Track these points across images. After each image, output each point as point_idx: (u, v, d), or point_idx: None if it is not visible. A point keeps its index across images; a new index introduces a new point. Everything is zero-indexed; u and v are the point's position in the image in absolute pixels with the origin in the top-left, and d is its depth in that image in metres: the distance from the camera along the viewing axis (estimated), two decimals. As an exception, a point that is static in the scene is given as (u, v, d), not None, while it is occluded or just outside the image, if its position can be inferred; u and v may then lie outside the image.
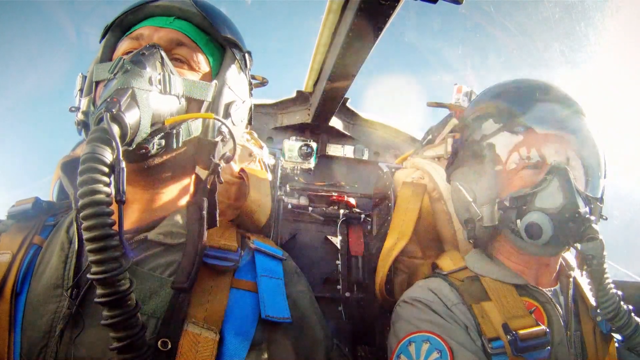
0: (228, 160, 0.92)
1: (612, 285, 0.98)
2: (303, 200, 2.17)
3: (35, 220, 0.85)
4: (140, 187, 0.81)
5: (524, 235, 0.97)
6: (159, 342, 0.65)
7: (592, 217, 0.95)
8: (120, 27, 0.87)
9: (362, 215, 2.09)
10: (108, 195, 0.55)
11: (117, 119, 0.61)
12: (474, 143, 1.11)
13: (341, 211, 2.10)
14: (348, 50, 1.45)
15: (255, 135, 1.49)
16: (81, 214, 0.54)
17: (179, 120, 0.76)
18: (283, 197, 2.07)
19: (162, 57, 0.76)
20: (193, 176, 0.94)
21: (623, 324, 0.98)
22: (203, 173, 1.01)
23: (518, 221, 1.00)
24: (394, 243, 1.38)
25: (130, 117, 0.63)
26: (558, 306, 1.05)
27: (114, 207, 0.57)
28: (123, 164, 0.58)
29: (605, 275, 0.97)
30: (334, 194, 2.19)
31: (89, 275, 0.54)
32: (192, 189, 0.93)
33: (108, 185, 0.56)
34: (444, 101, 1.71)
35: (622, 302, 0.99)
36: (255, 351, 0.74)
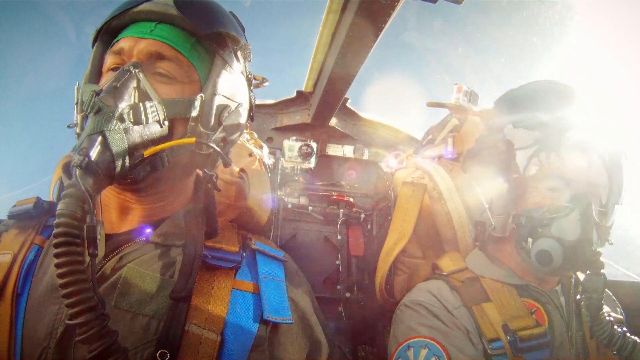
0: (226, 164, 0.90)
1: (605, 315, 1.00)
2: (303, 200, 2.17)
3: (37, 221, 0.85)
4: (137, 200, 0.81)
5: (533, 259, 0.97)
6: (158, 354, 0.65)
7: (600, 251, 0.96)
8: (108, 33, 0.84)
9: (362, 215, 2.09)
10: (80, 246, 0.58)
11: (89, 170, 0.61)
12: (496, 146, 1.09)
13: (341, 211, 2.10)
14: (348, 50, 1.44)
15: (255, 135, 1.49)
16: (56, 273, 0.55)
17: (158, 150, 0.73)
18: (283, 196, 2.07)
19: (138, 81, 0.73)
20: (194, 175, 0.94)
21: (619, 347, 0.99)
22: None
23: (530, 240, 0.99)
24: (394, 243, 1.38)
25: (103, 163, 0.63)
26: (559, 307, 1.05)
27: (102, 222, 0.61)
28: (95, 220, 0.60)
29: (602, 311, 0.99)
30: (334, 193, 2.19)
31: (66, 321, 0.57)
32: (192, 188, 0.93)
33: (81, 237, 0.58)
34: (444, 101, 1.71)
35: (615, 327, 1.00)
36: (256, 352, 0.74)
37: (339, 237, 2.05)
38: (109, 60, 0.80)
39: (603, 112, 1.06)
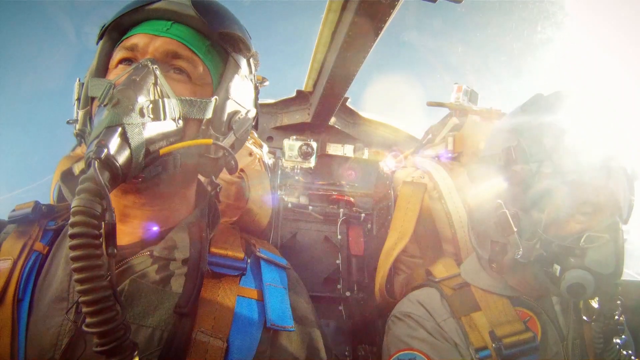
0: (232, 171, 0.88)
1: (615, 339, 0.99)
2: (303, 200, 2.17)
3: (36, 225, 0.84)
4: (140, 204, 0.80)
5: (564, 291, 0.90)
6: None
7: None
8: (116, 30, 0.82)
9: (362, 215, 2.09)
10: (100, 247, 0.55)
11: (107, 163, 0.59)
12: (528, 172, 0.97)
13: (341, 210, 2.10)
14: (348, 50, 1.45)
15: (255, 134, 1.49)
16: (75, 278, 0.53)
17: (174, 149, 0.72)
18: (283, 196, 2.07)
19: (156, 77, 0.71)
20: (195, 183, 0.92)
21: None
22: (204, 180, 1.00)
23: (556, 267, 0.92)
24: (394, 243, 1.38)
25: (121, 158, 0.61)
26: (553, 316, 1.03)
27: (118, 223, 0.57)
28: (114, 217, 0.58)
29: (615, 336, 0.97)
30: (334, 193, 2.20)
31: (84, 328, 0.54)
32: (194, 198, 0.91)
33: (100, 237, 0.56)
34: (443, 100, 1.71)
35: (622, 351, 1.00)
36: (259, 359, 0.74)
37: (339, 237, 2.05)
38: (120, 54, 0.78)
39: (623, 123, 1.00)
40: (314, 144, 2.25)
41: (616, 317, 0.96)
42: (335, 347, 1.79)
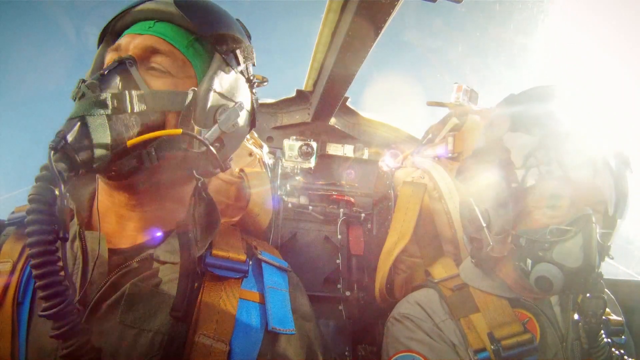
0: (217, 166, 0.86)
1: (604, 337, 0.97)
2: (303, 200, 2.17)
3: None
4: (132, 205, 0.79)
5: (532, 284, 0.91)
6: None
7: (602, 272, 0.91)
8: (112, 34, 0.85)
9: (362, 215, 2.09)
10: (52, 233, 0.57)
11: (65, 153, 0.61)
12: (493, 153, 1.01)
13: (341, 210, 2.10)
14: (348, 49, 1.45)
15: (255, 134, 1.49)
16: (31, 264, 0.55)
17: (141, 141, 0.71)
18: (283, 196, 2.07)
19: (127, 71, 0.73)
20: (191, 186, 0.90)
21: None
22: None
23: (529, 261, 0.94)
24: (394, 243, 1.38)
25: (80, 148, 0.63)
26: (552, 317, 1.03)
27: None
28: (66, 202, 0.60)
29: (601, 335, 0.95)
30: (334, 193, 2.20)
31: (38, 313, 0.57)
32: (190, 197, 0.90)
33: (54, 223, 0.58)
34: (443, 100, 1.71)
35: (613, 350, 0.98)
36: None
37: (339, 237, 2.05)
38: (108, 57, 0.81)
39: (608, 116, 1.01)
40: (314, 144, 2.25)
41: (599, 315, 0.93)
42: (335, 347, 1.79)
